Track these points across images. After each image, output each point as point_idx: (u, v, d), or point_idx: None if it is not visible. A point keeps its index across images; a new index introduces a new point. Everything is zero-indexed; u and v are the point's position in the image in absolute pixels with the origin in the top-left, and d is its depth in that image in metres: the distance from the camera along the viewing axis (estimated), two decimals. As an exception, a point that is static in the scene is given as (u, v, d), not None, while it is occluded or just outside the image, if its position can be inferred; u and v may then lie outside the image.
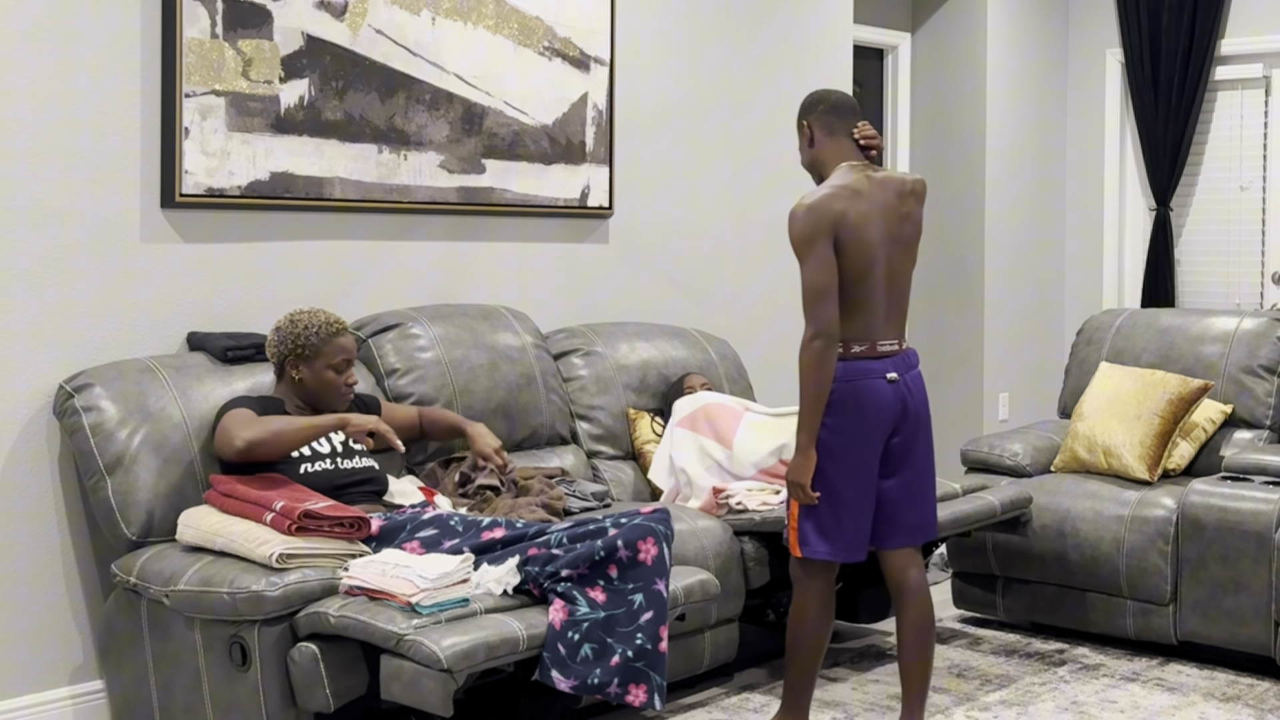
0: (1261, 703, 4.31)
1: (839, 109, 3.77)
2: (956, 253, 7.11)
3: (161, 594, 3.50)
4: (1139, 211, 7.38)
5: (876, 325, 3.67)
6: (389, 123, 4.53)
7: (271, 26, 4.23)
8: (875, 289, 3.66)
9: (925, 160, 7.18)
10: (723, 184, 5.74)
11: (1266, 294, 6.95)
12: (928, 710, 4.20)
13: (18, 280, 3.79)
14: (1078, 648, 4.88)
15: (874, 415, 3.64)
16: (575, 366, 4.84)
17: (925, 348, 7.22)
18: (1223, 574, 4.55)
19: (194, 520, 3.59)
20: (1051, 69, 7.40)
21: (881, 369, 3.65)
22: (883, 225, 3.67)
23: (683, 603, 3.72)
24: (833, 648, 4.84)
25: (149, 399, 3.80)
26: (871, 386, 3.63)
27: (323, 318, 3.87)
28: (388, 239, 4.62)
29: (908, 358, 3.75)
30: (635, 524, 3.47)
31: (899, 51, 7.16)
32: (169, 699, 3.57)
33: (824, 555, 3.66)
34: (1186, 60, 6.96)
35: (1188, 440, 5.06)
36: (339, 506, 3.55)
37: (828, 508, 3.63)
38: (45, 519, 3.86)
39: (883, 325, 3.68)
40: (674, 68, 5.52)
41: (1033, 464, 5.16)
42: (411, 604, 3.26)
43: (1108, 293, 7.43)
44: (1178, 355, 5.26)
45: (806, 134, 3.78)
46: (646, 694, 3.37)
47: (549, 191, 5.01)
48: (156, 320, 4.07)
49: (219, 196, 4.14)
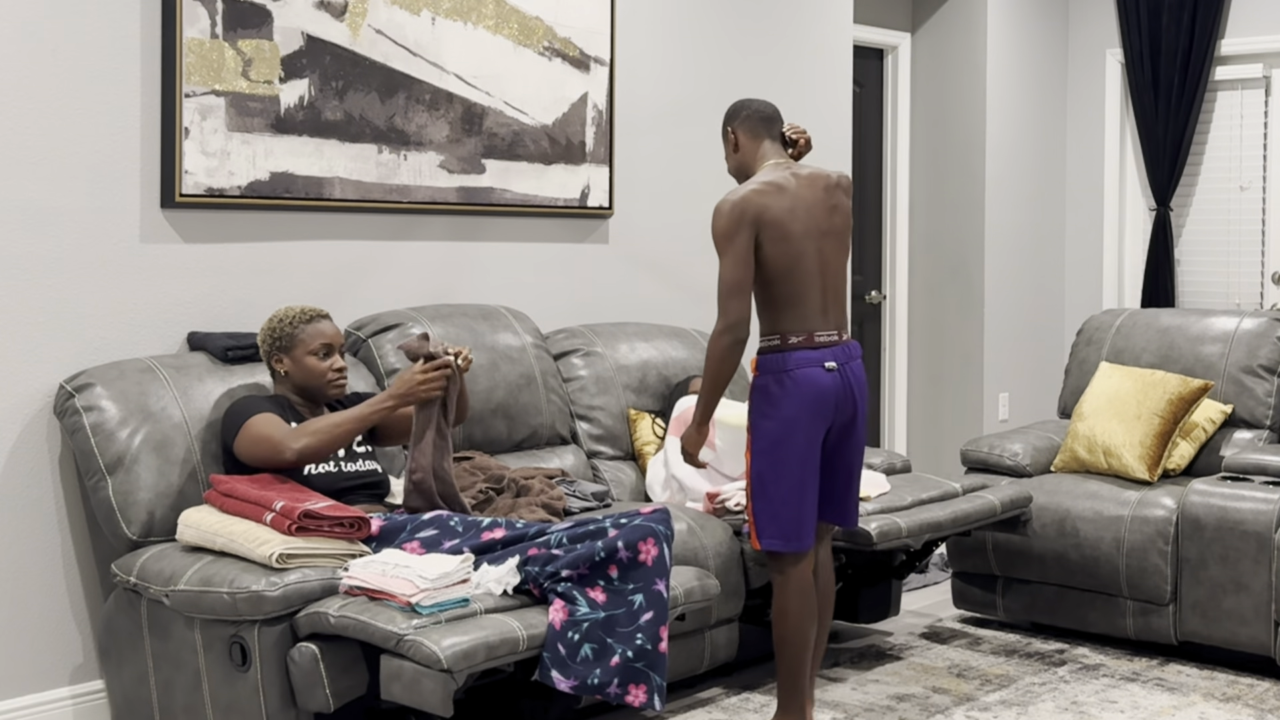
0: (1261, 703, 4.32)
1: (762, 114, 3.90)
2: (956, 253, 7.11)
3: (161, 594, 3.50)
4: (1139, 211, 7.38)
5: (813, 317, 3.75)
6: (389, 123, 4.53)
7: (271, 26, 4.23)
8: (807, 281, 3.75)
9: (925, 160, 7.18)
10: (722, 184, 5.72)
11: (1266, 294, 6.95)
12: (928, 710, 4.21)
13: (18, 280, 3.79)
14: (1078, 648, 4.88)
15: (814, 404, 3.71)
16: (575, 367, 4.84)
17: (925, 348, 7.22)
18: (1223, 574, 4.55)
19: (194, 520, 3.59)
20: (1051, 69, 7.40)
21: (820, 358, 3.73)
22: (810, 218, 3.77)
23: (683, 603, 3.72)
24: (832, 648, 4.84)
25: (150, 399, 3.80)
26: (811, 375, 3.71)
27: (298, 308, 3.90)
28: (388, 239, 4.62)
29: (848, 349, 3.83)
30: (636, 525, 3.47)
31: (899, 51, 7.16)
32: (169, 699, 3.57)
33: (780, 547, 3.73)
34: (1186, 60, 6.96)
35: (1188, 440, 5.06)
36: (339, 506, 3.55)
37: (777, 498, 3.72)
38: (45, 519, 3.87)
39: (819, 317, 3.77)
40: (674, 68, 5.52)
41: (1033, 464, 5.17)
42: (411, 604, 3.26)
43: (1108, 293, 7.43)
44: (1178, 355, 5.27)
45: (731, 140, 3.92)
46: (646, 694, 3.37)
47: (549, 191, 5.01)
48: (156, 320, 4.07)
49: (219, 196, 4.14)
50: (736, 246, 3.67)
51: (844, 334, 3.83)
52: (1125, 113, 7.35)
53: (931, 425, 7.19)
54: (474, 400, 4.43)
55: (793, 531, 3.72)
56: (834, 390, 3.73)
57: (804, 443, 3.71)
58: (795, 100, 5.98)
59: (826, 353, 3.74)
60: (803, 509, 3.73)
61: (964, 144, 7.06)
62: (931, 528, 4.36)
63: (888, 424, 7.22)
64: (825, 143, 6.13)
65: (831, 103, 6.15)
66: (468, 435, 4.43)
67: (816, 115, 6.08)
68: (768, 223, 3.69)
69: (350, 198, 4.45)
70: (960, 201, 7.08)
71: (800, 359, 3.71)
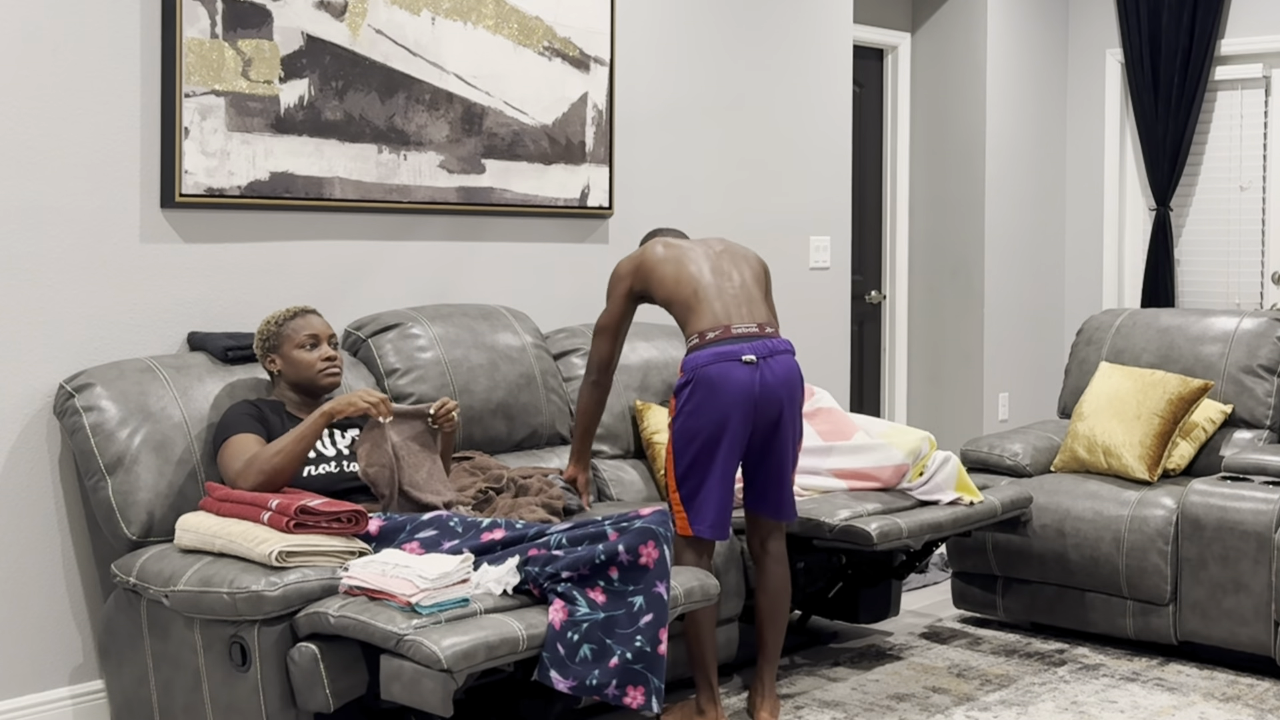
0: (1261, 703, 4.32)
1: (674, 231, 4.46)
2: (956, 253, 7.11)
3: (161, 594, 3.50)
4: (1139, 211, 7.38)
5: (727, 312, 3.92)
6: (389, 123, 4.53)
7: (271, 26, 4.23)
8: (710, 286, 3.97)
9: (925, 160, 7.18)
10: (722, 184, 5.74)
11: (1266, 294, 6.95)
12: (928, 710, 4.20)
13: (18, 280, 3.79)
14: (1078, 648, 4.88)
15: (730, 396, 3.82)
16: (575, 366, 4.84)
17: (925, 348, 7.22)
18: (1223, 574, 4.55)
19: (192, 524, 3.59)
20: (1051, 69, 7.40)
21: (737, 351, 3.84)
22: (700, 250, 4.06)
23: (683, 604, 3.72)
24: (832, 648, 4.84)
25: (149, 399, 3.80)
26: (726, 370, 3.83)
27: (285, 308, 3.93)
28: (388, 239, 4.62)
29: (771, 343, 3.92)
30: (637, 528, 3.46)
31: (899, 51, 7.16)
32: (169, 699, 3.57)
33: (702, 534, 3.90)
34: (1186, 60, 6.96)
35: (1188, 440, 5.06)
36: (334, 502, 3.55)
37: (697, 488, 3.87)
38: (45, 519, 3.87)
39: (735, 311, 3.93)
40: (674, 68, 5.52)
41: (1033, 464, 5.17)
42: (411, 604, 3.26)
43: (1108, 293, 7.43)
44: (1178, 355, 5.27)
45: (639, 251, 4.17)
46: (644, 696, 3.37)
47: (549, 191, 5.01)
48: (156, 320, 4.07)
49: (219, 196, 4.14)
50: (614, 297, 4.08)
51: (768, 329, 3.95)
52: (1125, 113, 7.35)
53: (931, 425, 7.19)
54: (474, 400, 4.44)
55: (706, 521, 3.88)
56: (750, 384, 3.83)
57: (720, 437, 3.82)
58: (795, 100, 5.99)
59: (745, 346, 3.86)
60: (715, 501, 3.87)
61: (964, 144, 7.06)
62: (932, 529, 4.36)
63: (888, 424, 7.22)
64: (825, 143, 6.13)
65: (831, 103, 6.15)
66: (468, 435, 4.43)
67: (817, 115, 6.08)
68: (651, 267, 4.02)
69: (350, 198, 4.45)
70: (960, 201, 7.08)
71: (715, 354, 3.84)
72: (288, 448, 3.65)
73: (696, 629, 3.93)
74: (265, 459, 3.63)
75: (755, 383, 3.83)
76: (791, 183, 6.00)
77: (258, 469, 3.63)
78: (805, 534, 4.31)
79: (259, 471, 3.62)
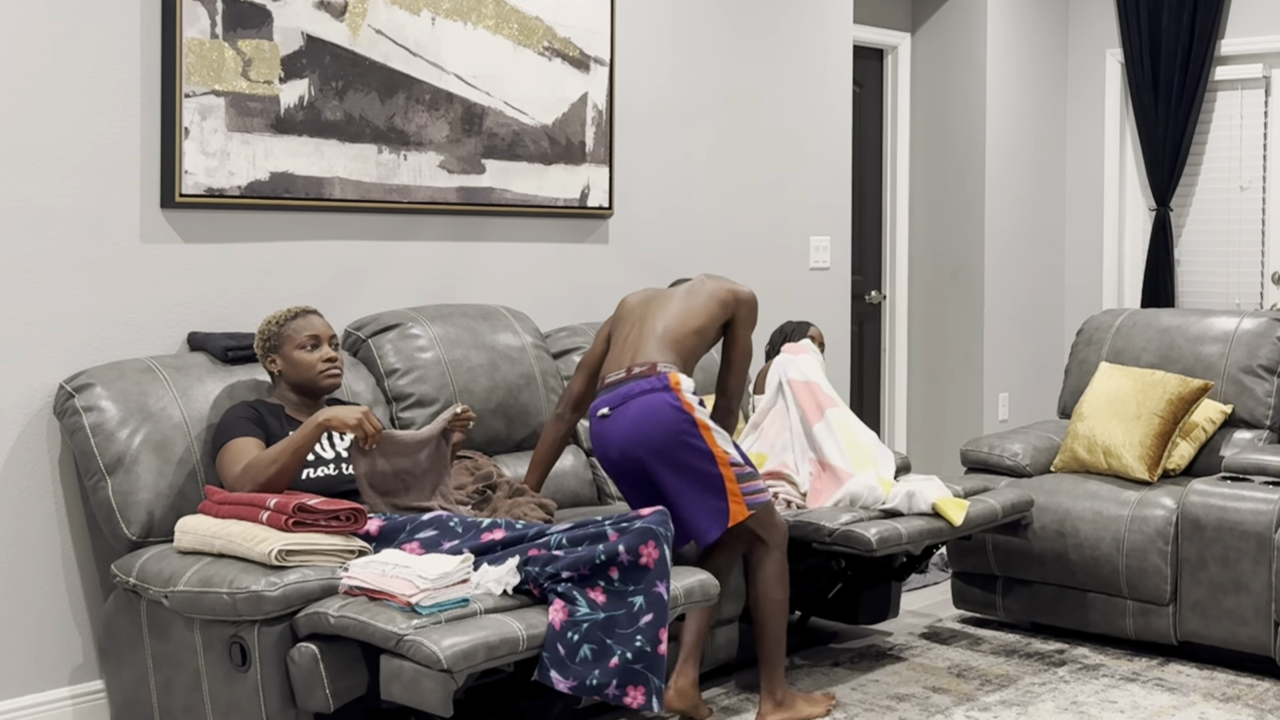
0: (1261, 703, 4.32)
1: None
2: (956, 253, 7.11)
3: (161, 594, 3.50)
4: (1139, 211, 7.38)
5: (615, 359, 4.03)
6: (389, 123, 4.53)
7: (271, 26, 4.23)
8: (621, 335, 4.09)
9: (925, 160, 7.18)
10: (722, 184, 5.74)
11: (1266, 294, 6.95)
12: (928, 710, 4.21)
13: (18, 280, 3.79)
14: (1078, 648, 4.88)
15: (599, 450, 3.97)
16: (575, 365, 4.84)
17: (925, 348, 7.22)
18: (1222, 574, 4.55)
19: (191, 526, 3.59)
20: (1051, 69, 7.40)
21: (598, 405, 3.97)
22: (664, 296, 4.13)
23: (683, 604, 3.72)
24: (833, 648, 4.84)
25: (149, 399, 3.80)
26: (592, 428, 3.99)
27: (285, 308, 3.93)
28: (388, 239, 4.62)
29: (627, 388, 3.95)
30: (637, 529, 3.46)
31: (899, 51, 7.16)
32: (169, 699, 3.57)
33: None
34: (1186, 60, 6.96)
35: (1188, 440, 5.06)
36: (333, 500, 3.55)
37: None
38: (45, 519, 3.87)
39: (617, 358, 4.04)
40: (674, 68, 5.52)
41: (1033, 464, 5.16)
42: (411, 604, 3.26)
43: (1108, 293, 7.43)
44: (1178, 355, 5.27)
45: None
46: (644, 696, 3.37)
47: (549, 192, 5.01)
48: (156, 320, 4.07)
49: (219, 196, 4.14)
50: (595, 340, 4.20)
51: (638, 366, 3.97)
52: (1125, 113, 7.35)
53: (931, 425, 7.19)
54: (474, 400, 4.44)
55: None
56: (603, 438, 3.95)
57: (618, 480, 3.98)
58: (795, 100, 5.99)
59: (603, 398, 3.97)
60: None
61: (964, 144, 7.06)
62: (931, 534, 4.36)
63: (888, 424, 7.22)
64: (825, 143, 6.13)
65: (831, 103, 6.15)
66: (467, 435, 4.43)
67: (817, 115, 6.08)
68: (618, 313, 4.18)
69: (350, 198, 4.45)
70: (960, 201, 7.08)
71: (593, 407, 3.99)
72: (282, 459, 3.63)
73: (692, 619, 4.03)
74: (260, 469, 3.62)
75: (607, 434, 3.93)
76: (792, 183, 6.00)
77: (252, 479, 3.62)
78: (804, 538, 4.31)
79: (253, 481, 3.62)
